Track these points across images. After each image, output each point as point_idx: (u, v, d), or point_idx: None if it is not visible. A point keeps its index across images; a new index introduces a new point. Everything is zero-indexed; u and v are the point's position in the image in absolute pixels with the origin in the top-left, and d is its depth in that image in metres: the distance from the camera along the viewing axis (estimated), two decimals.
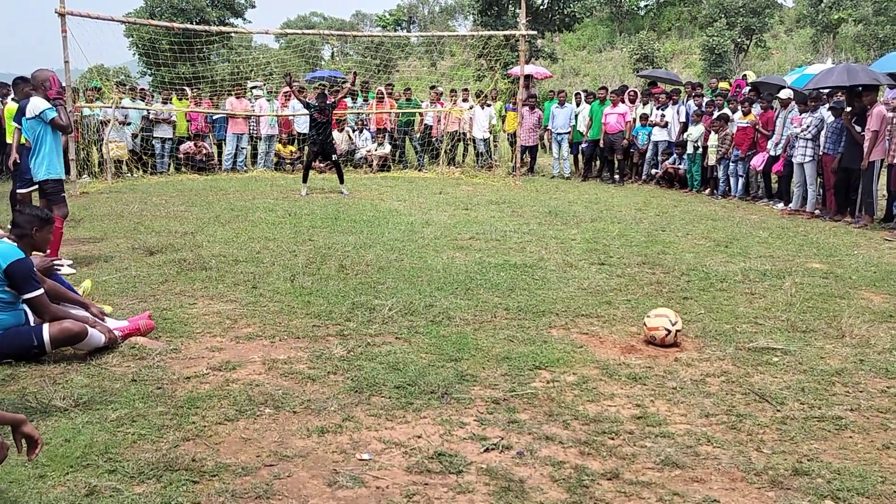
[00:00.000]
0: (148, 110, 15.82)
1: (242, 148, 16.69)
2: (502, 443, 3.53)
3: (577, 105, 16.40)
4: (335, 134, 14.66)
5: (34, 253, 4.89)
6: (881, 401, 4.10)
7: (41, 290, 4.52)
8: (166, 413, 3.80)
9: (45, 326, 4.48)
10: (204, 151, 16.36)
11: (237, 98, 16.69)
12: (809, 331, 5.35)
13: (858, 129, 10.26)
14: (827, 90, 11.73)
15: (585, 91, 17.20)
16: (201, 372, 4.39)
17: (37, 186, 7.21)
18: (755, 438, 3.62)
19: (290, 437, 3.57)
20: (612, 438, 3.60)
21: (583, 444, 3.52)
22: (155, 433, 3.56)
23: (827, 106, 11.14)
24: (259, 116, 16.65)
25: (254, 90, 17.51)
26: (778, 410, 3.94)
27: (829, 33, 27.66)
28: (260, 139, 16.96)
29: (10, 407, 3.72)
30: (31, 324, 4.59)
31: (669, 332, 4.95)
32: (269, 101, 17.17)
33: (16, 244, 4.58)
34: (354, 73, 14.55)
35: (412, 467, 3.30)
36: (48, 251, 5.35)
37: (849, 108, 10.55)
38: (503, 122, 17.83)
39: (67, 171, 9.15)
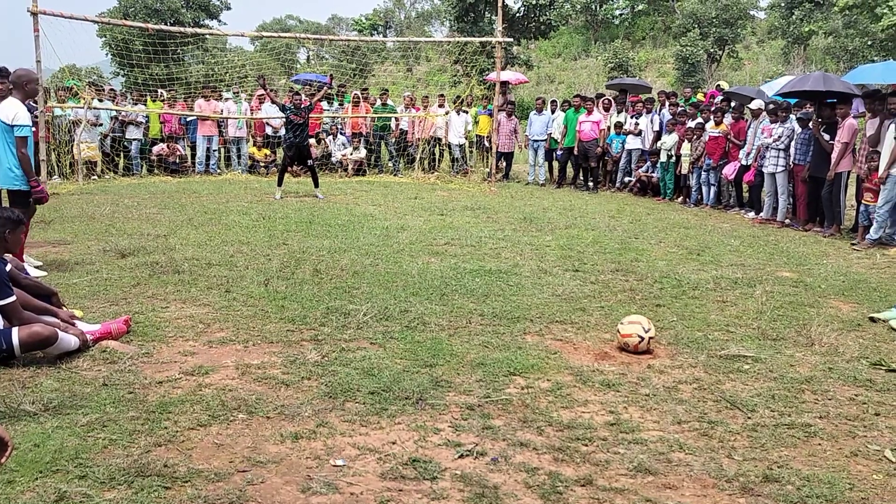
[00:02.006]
0: (118, 111, 15.66)
1: (213, 150, 16.56)
2: (477, 449, 3.53)
3: (552, 113, 16.50)
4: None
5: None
6: (849, 408, 4.17)
7: (13, 298, 4.45)
8: (138, 418, 3.75)
9: (15, 330, 4.40)
10: (177, 153, 16.23)
11: (205, 100, 16.56)
12: (779, 339, 5.42)
13: (827, 137, 10.41)
14: (794, 102, 11.89)
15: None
16: (173, 376, 4.35)
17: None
18: (726, 445, 3.66)
19: (264, 443, 3.55)
20: (586, 445, 3.62)
21: (557, 451, 3.54)
22: (126, 438, 3.52)
23: (796, 116, 11.31)
24: (228, 119, 16.55)
25: (224, 94, 17.39)
26: (749, 417, 3.99)
27: (799, 45, 28.12)
28: (230, 142, 16.86)
29: None
30: (0, 327, 4.51)
31: (642, 339, 4.99)
32: (236, 102, 17.04)
33: None
34: (331, 76, 14.53)
35: (386, 473, 3.30)
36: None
37: (819, 119, 10.71)
38: (477, 126, 17.90)
39: (38, 172, 8.98)
